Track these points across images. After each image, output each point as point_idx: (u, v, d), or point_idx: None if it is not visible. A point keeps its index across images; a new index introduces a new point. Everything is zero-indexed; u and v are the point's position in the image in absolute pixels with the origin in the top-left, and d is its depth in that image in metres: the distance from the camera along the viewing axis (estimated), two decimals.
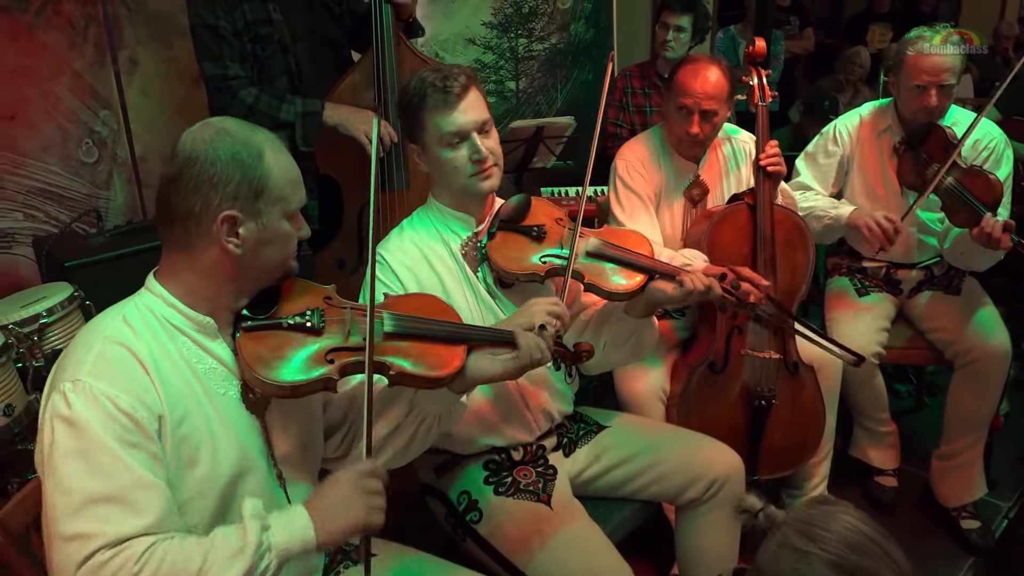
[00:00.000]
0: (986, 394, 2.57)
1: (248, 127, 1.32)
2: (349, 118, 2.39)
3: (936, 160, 2.49)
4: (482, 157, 1.76)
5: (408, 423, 1.57)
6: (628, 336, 1.89)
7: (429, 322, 1.50)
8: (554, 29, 4.11)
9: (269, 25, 2.39)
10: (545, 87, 4.16)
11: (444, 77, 1.73)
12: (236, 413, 1.36)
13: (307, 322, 1.36)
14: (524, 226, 1.83)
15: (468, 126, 1.74)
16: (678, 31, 3.41)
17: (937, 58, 2.45)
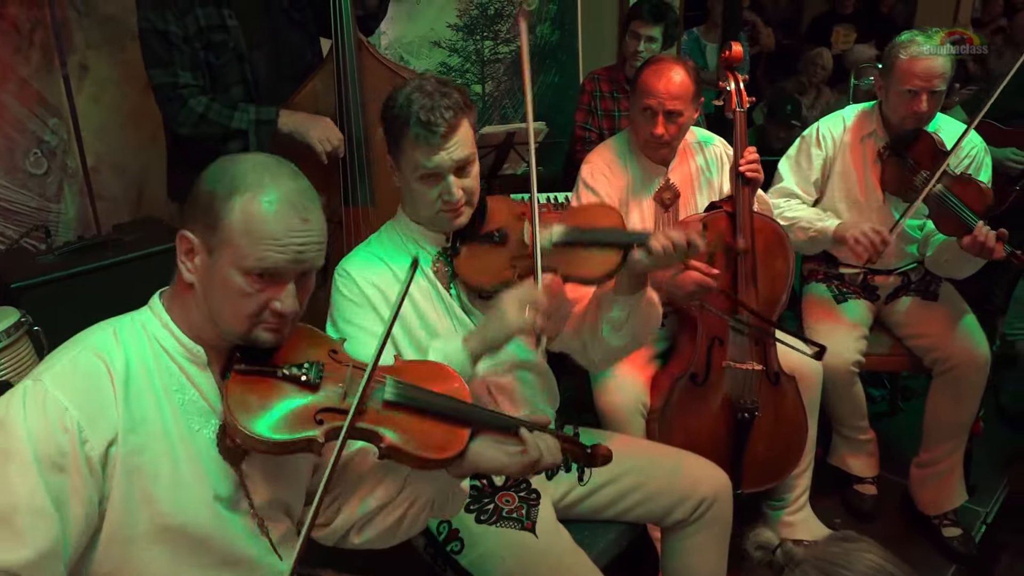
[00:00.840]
0: (965, 401, 2.55)
1: (267, 171, 1.21)
2: (304, 124, 2.28)
3: (924, 167, 2.46)
4: (452, 201, 1.66)
5: (399, 502, 1.44)
6: (624, 317, 1.77)
7: (436, 396, 1.37)
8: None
9: (223, 31, 2.28)
10: (511, 91, 4.09)
11: (431, 109, 1.60)
12: (207, 455, 1.25)
13: (303, 375, 1.25)
14: (485, 234, 1.75)
15: (445, 168, 1.64)
16: (649, 41, 3.35)
17: (929, 63, 2.41)
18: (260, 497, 1.31)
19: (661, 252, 1.63)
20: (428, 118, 1.60)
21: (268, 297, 1.21)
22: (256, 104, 2.30)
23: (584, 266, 1.68)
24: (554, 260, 1.68)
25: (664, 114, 2.31)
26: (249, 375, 1.24)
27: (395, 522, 1.45)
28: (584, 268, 1.68)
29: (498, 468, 1.40)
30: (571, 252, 1.69)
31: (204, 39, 2.25)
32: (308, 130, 2.25)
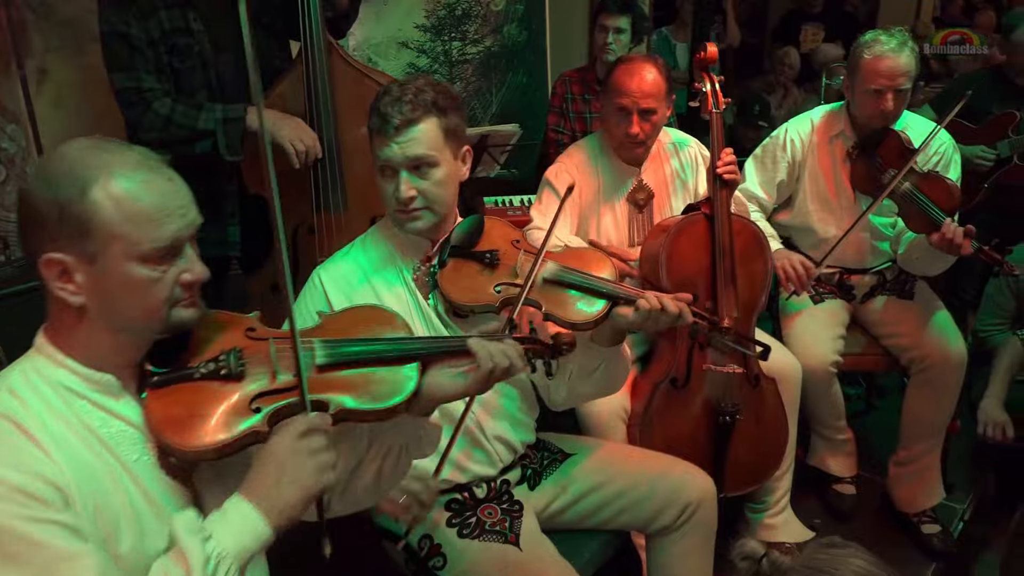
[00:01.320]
0: (943, 400, 2.56)
1: (99, 149, 1.09)
2: (276, 124, 2.20)
3: (891, 165, 2.46)
4: (401, 199, 1.62)
5: (370, 459, 1.40)
6: (595, 366, 1.76)
7: (370, 343, 1.29)
8: (488, 31, 3.99)
9: (188, 35, 2.21)
10: (480, 91, 4.05)
11: (393, 101, 1.59)
12: (155, 480, 1.16)
13: (222, 368, 1.16)
14: (476, 252, 1.69)
15: (396, 162, 1.61)
16: (617, 32, 3.34)
17: (893, 62, 2.42)
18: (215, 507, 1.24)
19: (647, 314, 1.62)
20: (386, 109, 1.59)
21: (174, 273, 1.13)
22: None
23: (570, 309, 1.65)
24: (540, 296, 1.64)
25: (638, 113, 2.29)
26: (165, 386, 1.15)
27: (373, 479, 1.41)
28: (569, 311, 1.64)
29: (459, 392, 1.36)
30: (558, 292, 1.66)
31: (168, 42, 2.17)
32: (279, 130, 2.18)
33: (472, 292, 1.65)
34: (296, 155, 2.18)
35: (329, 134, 2.25)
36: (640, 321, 1.64)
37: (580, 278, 1.67)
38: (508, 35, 4.08)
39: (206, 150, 2.19)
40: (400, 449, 1.42)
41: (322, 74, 2.22)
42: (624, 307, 1.65)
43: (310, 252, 2.36)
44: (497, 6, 3.98)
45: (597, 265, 1.74)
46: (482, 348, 1.35)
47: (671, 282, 2.21)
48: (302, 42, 2.21)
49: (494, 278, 1.67)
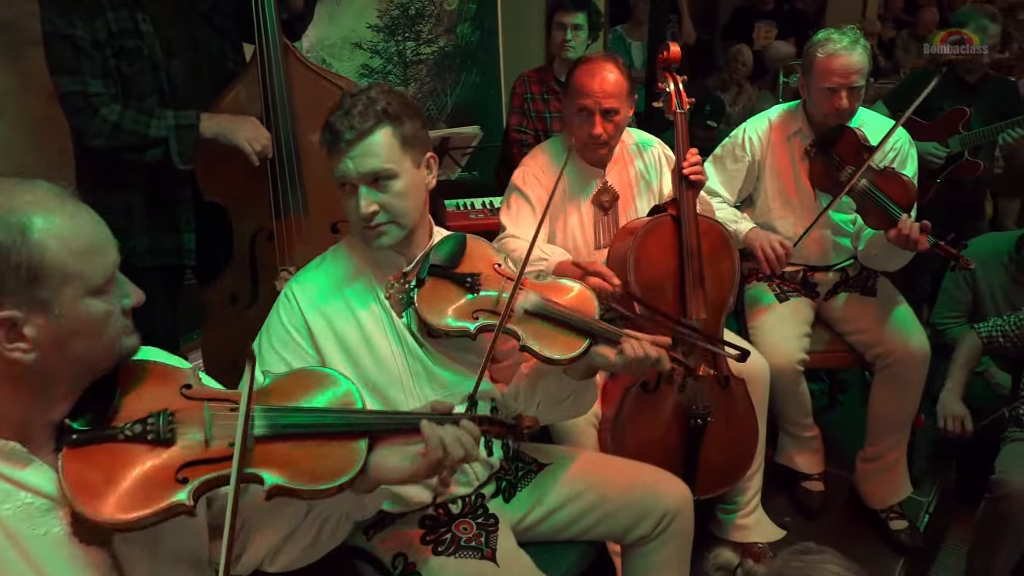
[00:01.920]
0: (908, 395, 2.58)
1: (13, 191, 1.01)
2: (229, 125, 2.13)
3: (849, 162, 2.48)
4: (362, 216, 1.55)
5: (307, 527, 1.34)
6: (565, 397, 1.73)
7: (315, 415, 1.20)
8: (441, 31, 3.94)
9: (137, 37, 2.11)
10: (435, 92, 3.99)
11: (343, 115, 1.53)
12: (67, 555, 1.06)
13: (149, 432, 1.06)
14: (458, 274, 1.63)
15: (352, 178, 1.55)
16: (575, 29, 3.33)
17: (846, 59, 2.44)
18: (144, 571, 1.14)
19: (628, 360, 1.60)
20: (336, 124, 1.53)
21: (118, 302, 1.08)
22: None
23: (548, 344, 1.60)
24: (519, 327, 1.60)
25: (601, 113, 2.27)
26: (85, 446, 1.04)
27: (309, 545, 1.35)
28: (548, 346, 1.60)
29: (406, 477, 1.28)
30: (538, 324, 1.62)
31: (115, 45, 2.08)
32: (234, 131, 2.11)
33: (449, 317, 1.59)
34: (254, 154, 2.12)
35: (287, 137, 2.18)
36: (620, 365, 1.62)
37: (563, 314, 1.62)
38: (461, 35, 4.04)
39: (157, 158, 2.11)
40: (339, 518, 1.36)
41: (278, 77, 2.15)
42: (604, 347, 1.62)
43: (269, 259, 2.29)
44: (450, 6, 3.93)
45: (582, 303, 1.69)
46: (433, 434, 1.27)
47: (639, 284, 2.19)
48: (257, 44, 2.14)
49: (474, 304, 1.62)
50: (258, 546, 1.33)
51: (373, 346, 1.64)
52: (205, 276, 2.42)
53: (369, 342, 1.64)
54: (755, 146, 2.67)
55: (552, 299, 1.64)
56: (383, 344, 1.65)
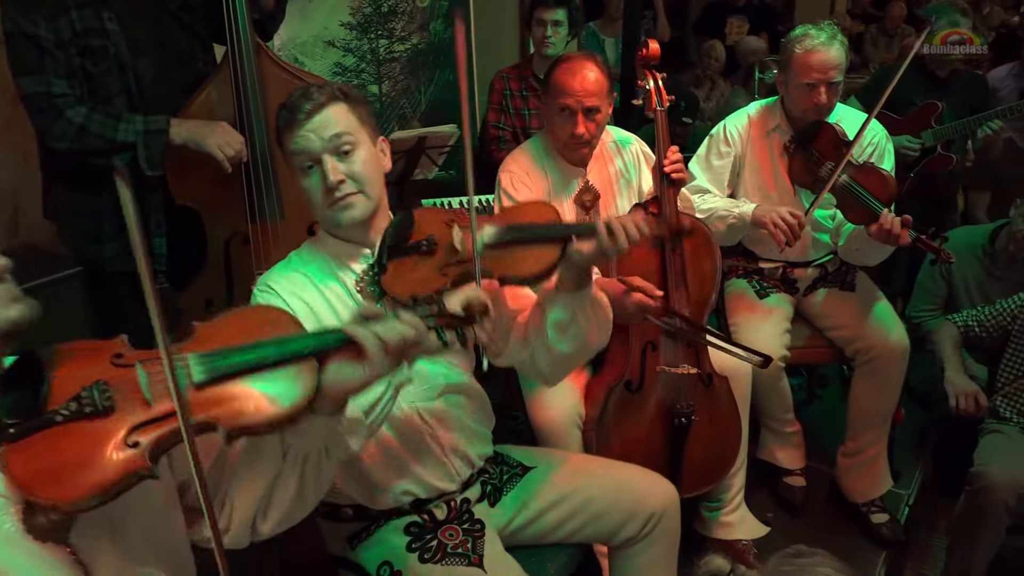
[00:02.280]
0: (888, 390, 2.59)
1: None
2: (200, 131, 2.08)
3: (828, 158, 2.48)
4: (330, 185, 1.54)
5: (288, 469, 1.29)
6: (569, 318, 1.66)
7: (253, 349, 1.14)
8: (414, 28, 3.90)
9: (103, 36, 2.06)
10: (408, 90, 3.95)
11: (301, 95, 1.55)
12: (25, 553, 1.02)
13: (85, 406, 1.03)
14: (411, 244, 1.60)
15: (314, 148, 1.54)
16: (556, 25, 3.32)
17: (824, 55, 2.44)
18: (110, 566, 1.10)
19: (605, 240, 1.55)
20: (293, 103, 1.55)
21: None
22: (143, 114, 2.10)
23: (521, 264, 1.56)
24: (488, 263, 1.55)
25: (583, 112, 2.24)
26: (25, 437, 1.00)
27: (296, 491, 1.31)
28: (521, 266, 1.56)
29: (366, 381, 1.22)
30: (506, 252, 1.57)
31: (80, 44, 2.02)
32: (204, 137, 2.06)
33: (419, 283, 1.55)
34: (226, 160, 2.07)
35: (261, 140, 2.14)
36: (602, 252, 1.57)
37: (522, 232, 1.58)
38: (435, 32, 3.99)
39: (124, 163, 2.05)
40: (319, 453, 1.31)
41: (251, 77, 2.11)
42: (579, 243, 1.58)
43: (245, 264, 2.24)
44: (423, 2, 3.89)
45: (536, 212, 1.65)
46: (363, 332, 1.20)
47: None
48: (229, 44, 2.09)
49: (436, 261, 1.59)
50: (243, 505, 1.29)
51: None
52: (178, 281, 2.36)
53: None
54: (735, 141, 2.66)
55: (508, 223, 1.59)
56: None
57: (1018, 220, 2.99)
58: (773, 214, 2.43)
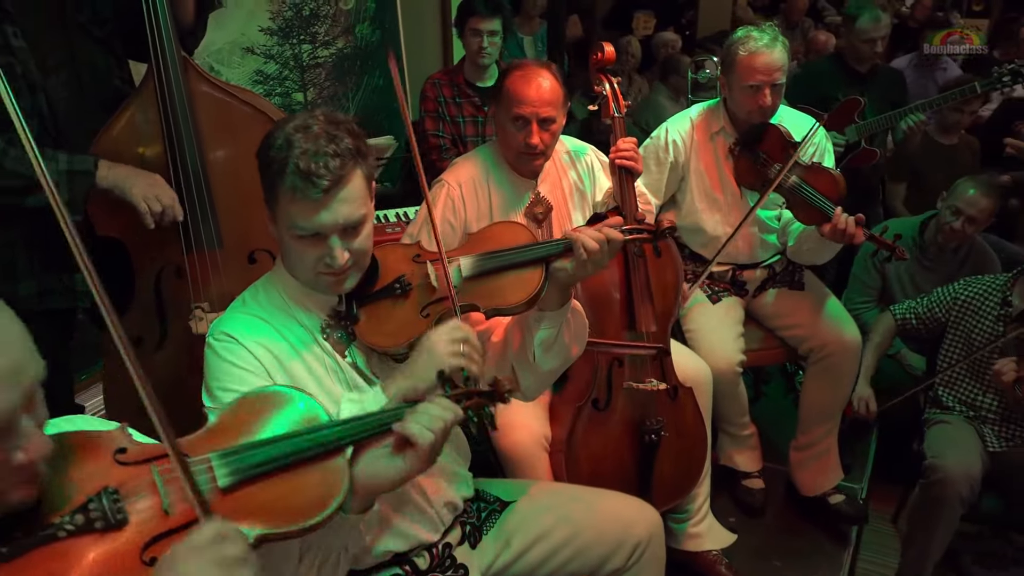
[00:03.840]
0: (841, 385, 2.63)
1: None
2: (128, 180, 1.88)
3: (776, 159, 2.47)
4: (335, 267, 1.39)
5: (304, 572, 1.23)
6: (555, 335, 1.61)
7: (279, 446, 1.06)
8: (339, 32, 3.73)
9: (8, 54, 1.84)
10: (336, 96, 3.78)
11: (313, 155, 1.31)
12: None
13: (95, 519, 0.92)
14: (383, 288, 1.51)
15: (328, 228, 1.36)
16: (492, 36, 3.23)
17: (768, 56, 2.44)
18: None
19: (584, 258, 1.50)
20: (308, 166, 1.31)
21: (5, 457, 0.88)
22: (57, 143, 1.89)
23: (507, 293, 1.51)
24: (471, 296, 1.51)
25: (538, 122, 2.15)
26: (21, 556, 0.87)
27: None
28: (507, 295, 1.51)
29: (399, 479, 1.18)
30: (487, 282, 1.53)
31: None
32: (130, 186, 1.87)
33: (402, 332, 1.48)
34: (150, 215, 1.89)
35: (195, 163, 1.96)
36: (581, 267, 1.53)
37: (500, 258, 1.54)
38: (360, 35, 3.83)
39: (41, 204, 1.84)
40: (339, 552, 1.24)
41: (180, 97, 1.93)
42: (559, 261, 1.54)
43: (180, 297, 2.07)
44: (347, 5, 3.72)
45: (510, 235, 1.61)
46: (415, 426, 1.17)
47: (586, 298, 2.11)
48: (153, 60, 1.91)
49: (414, 303, 1.51)
50: None
51: (324, 387, 1.48)
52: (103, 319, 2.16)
53: (322, 385, 1.48)
54: (679, 147, 2.63)
55: (483, 251, 1.54)
56: (331, 386, 1.49)
57: (945, 212, 3.08)
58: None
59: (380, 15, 3.91)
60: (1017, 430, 2.56)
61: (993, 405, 2.59)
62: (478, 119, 3.38)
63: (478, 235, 1.63)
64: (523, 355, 1.63)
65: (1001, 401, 2.56)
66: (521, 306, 1.51)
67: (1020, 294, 2.59)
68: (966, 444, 2.51)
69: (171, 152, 1.95)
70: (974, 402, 2.63)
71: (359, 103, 3.89)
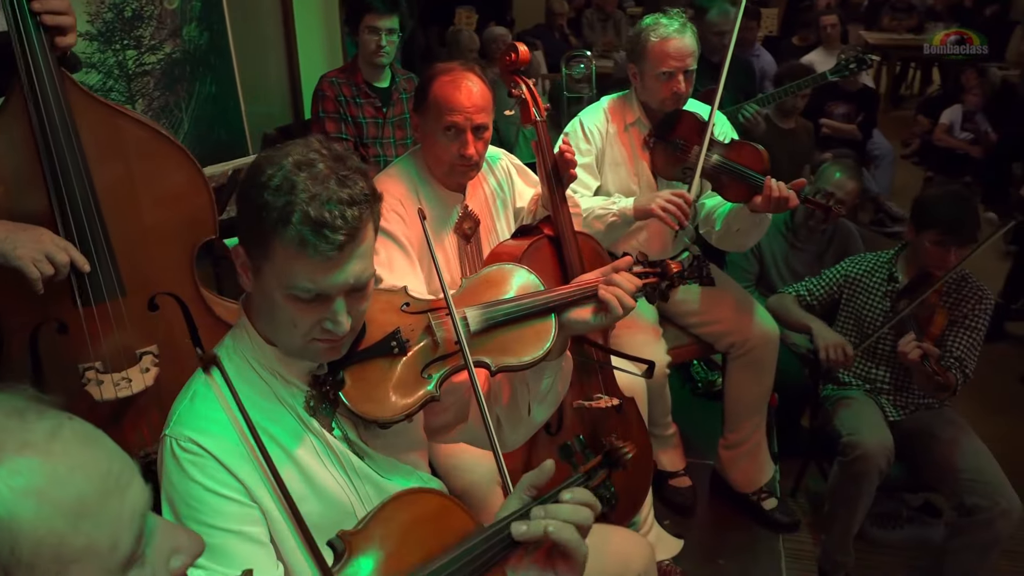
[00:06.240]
0: (764, 376, 2.64)
1: None
2: (6, 239, 1.51)
3: (694, 142, 2.44)
4: (336, 333, 1.15)
5: None
6: (551, 384, 1.45)
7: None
8: (166, 35, 3.30)
9: None
10: (167, 107, 3.35)
11: (327, 201, 1.06)
12: None
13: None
14: (375, 346, 1.26)
15: (336, 290, 1.12)
16: (390, 34, 3.06)
17: (679, 43, 2.42)
18: None
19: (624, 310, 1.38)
20: (321, 216, 1.06)
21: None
22: None
23: (518, 348, 1.33)
24: (479, 352, 1.31)
25: (472, 131, 1.97)
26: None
27: None
28: (519, 350, 1.33)
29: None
30: (496, 336, 1.33)
31: None
32: (13, 248, 1.50)
33: (398, 397, 1.24)
34: (40, 282, 1.53)
35: (86, 200, 1.61)
36: (606, 320, 1.40)
37: (510, 308, 1.35)
38: (189, 38, 3.41)
39: None
40: None
41: (61, 120, 1.57)
42: (575, 311, 1.38)
43: (65, 358, 1.70)
44: (171, 4, 3.29)
45: (521, 281, 1.43)
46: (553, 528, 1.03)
47: None
48: (25, 80, 1.53)
49: (413, 363, 1.27)
50: None
51: (317, 485, 1.23)
52: None
53: (311, 481, 1.22)
54: (596, 136, 2.54)
55: (489, 300, 1.36)
56: (326, 476, 1.24)
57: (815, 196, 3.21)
58: (658, 199, 2.32)
59: (208, 14, 3.50)
60: (911, 398, 2.69)
61: (886, 377, 2.71)
62: (379, 121, 3.18)
63: (480, 282, 1.42)
64: (515, 410, 1.46)
65: (893, 372, 2.69)
66: (535, 362, 1.34)
67: (903, 269, 2.73)
68: (875, 418, 2.61)
69: (54, 183, 1.58)
70: (868, 375, 2.74)
71: (193, 113, 3.47)
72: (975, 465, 2.45)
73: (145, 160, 1.73)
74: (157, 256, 1.73)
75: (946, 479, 2.49)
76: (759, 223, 2.40)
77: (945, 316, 2.50)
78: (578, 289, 1.39)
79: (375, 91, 3.18)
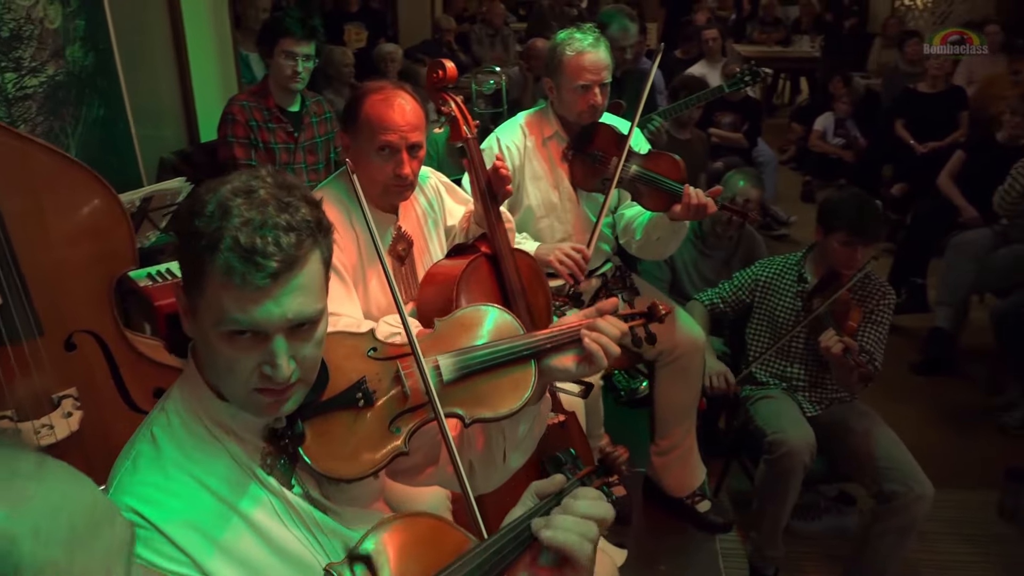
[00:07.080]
0: (692, 382, 2.69)
1: None
2: None
3: (612, 154, 2.49)
4: (276, 380, 1.04)
5: None
6: (528, 430, 1.39)
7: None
8: (48, 57, 3.08)
9: None
10: (52, 133, 3.12)
11: (260, 226, 0.98)
12: None
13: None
14: (338, 397, 1.17)
15: (271, 326, 1.01)
16: (306, 60, 3.00)
17: (595, 56, 2.47)
18: None
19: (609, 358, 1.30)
20: (251, 242, 0.97)
21: None
22: None
23: (495, 399, 1.25)
24: (452, 403, 1.23)
25: (407, 149, 1.92)
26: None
27: None
28: (495, 401, 1.25)
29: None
30: (471, 386, 1.25)
31: None
32: None
33: (364, 454, 1.16)
34: None
35: None
36: (590, 368, 1.31)
37: (485, 356, 1.27)
38: (73, 59, 3.21)
39: None
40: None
41: None
42: (556, 357, 1.31)
43: None
44: (53, 23, 3.09)
45: (496, 324, 1.33)
46: (561, 535, 1.00)
47: None
48: None
49: (380, 416, 1.19)
50: None
51: (280, 548, 1.13)
52: None
53: (273, 544, 1.12)
54: (513, 155, 2.55)
55: (464, 346, 1.29)
56: (288, 537, 1.14)
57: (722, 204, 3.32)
58: (557, 251, 2.40)
59: (93, 33, 3.30)
60: (825, 393, 2.81)
61: (801, 374, 2.82)
62: (290, 146, 3.08)
63: (452, 325, 1.34)
64: (489, 457, 1.40)
65: (808, 369, 2.80)
66: (510, 414, 1.27)
67: (812, 270, 2.85)
68: (796, 415, 2.70)
69: None
70: (784, 374, 2.84)
71: (80, 139, 3.26)
72: (890, 453, 2.58)
73: (57, 190, 1.62)
74: (72, 291, 1.61)
75: (864, 468, 2.60)
76: (677, 231, 2.45)
77: (860, 311, 2.62)
78: (560, 332, 1.31)
79: (287, 116, 3.10)
